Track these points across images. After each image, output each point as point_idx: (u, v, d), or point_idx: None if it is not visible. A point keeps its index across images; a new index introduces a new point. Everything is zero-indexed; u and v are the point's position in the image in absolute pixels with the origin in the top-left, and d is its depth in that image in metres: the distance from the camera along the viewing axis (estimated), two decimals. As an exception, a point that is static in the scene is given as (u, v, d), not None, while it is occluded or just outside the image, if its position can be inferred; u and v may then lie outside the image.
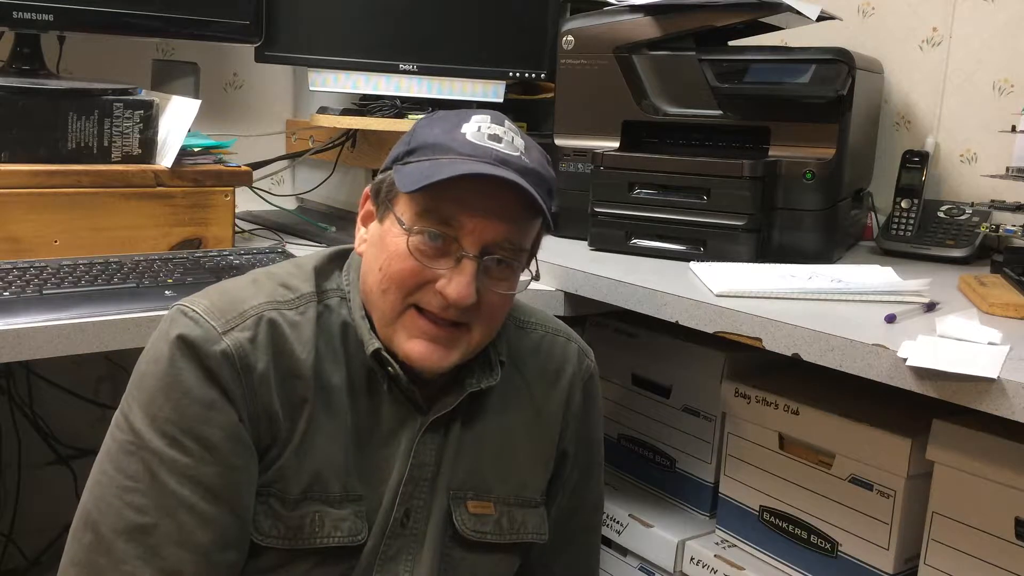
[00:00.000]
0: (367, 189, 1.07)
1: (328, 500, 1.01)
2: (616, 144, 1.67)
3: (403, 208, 0.99)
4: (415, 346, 1.00)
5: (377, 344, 1.02)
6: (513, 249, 1.00)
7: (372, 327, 1.03)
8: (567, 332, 1.21)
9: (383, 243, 1.00)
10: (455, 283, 0.96)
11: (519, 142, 1.00)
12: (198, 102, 1.47)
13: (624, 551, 1.56)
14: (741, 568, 1.40)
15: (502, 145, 0.98)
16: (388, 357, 1.02)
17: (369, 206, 1.06)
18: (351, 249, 1.10)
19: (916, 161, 1.71)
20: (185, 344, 0.95)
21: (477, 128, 0.99)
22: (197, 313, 0.97)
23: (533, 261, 1.06)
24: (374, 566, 1.04)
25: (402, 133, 1.08)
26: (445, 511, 1.07)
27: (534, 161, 1.00)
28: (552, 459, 1.17)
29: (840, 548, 1.30)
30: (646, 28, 1.63)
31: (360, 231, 1.07)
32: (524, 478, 1.14)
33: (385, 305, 1.00)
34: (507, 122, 1.02)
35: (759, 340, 1.20)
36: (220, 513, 0.95)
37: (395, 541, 1.04)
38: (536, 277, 1.07)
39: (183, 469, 0.93)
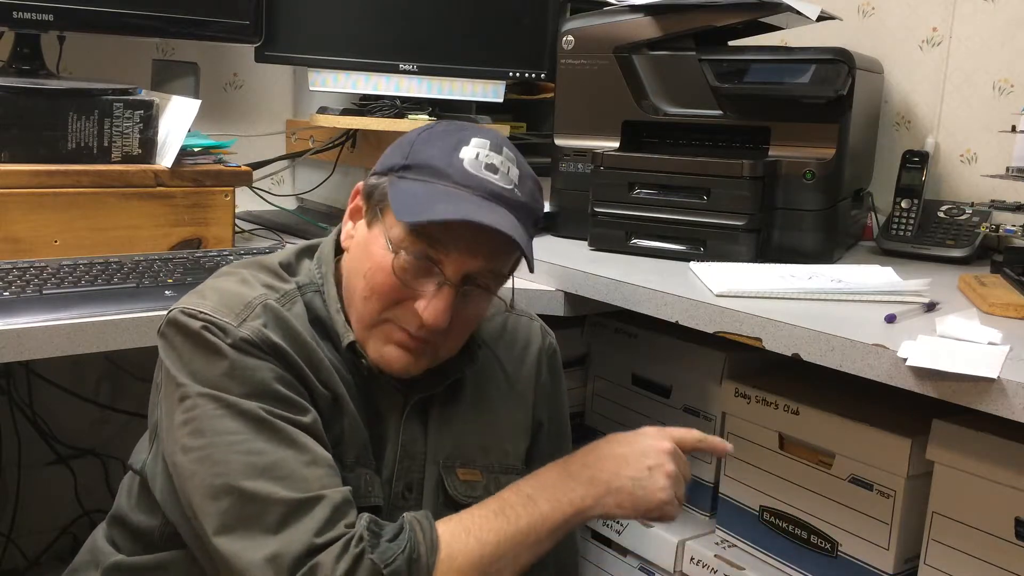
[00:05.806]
0: (360, 184, 1.08)
1: (347, 466, 1.03)
2: (616, 144, 1.67)
3: (392, 222, 1.01)
4: (388, 352, 1.04)
5: (352, 337, 1.05)
6: (492, 277, 1.05)
7: (347, 320, 1.06)
8: (528, 312, 1.28)
9: (368, 250, 1.03)
10: (432, 308, 1.00)
11: (514, 173, 1.03)
12: (198, 102, 1.47)
13: (624, 551, 1.56)
14: (741, 568, 1.40)
15: (497, 177, 1.00)
16: (362, 350, 1.06)
17: (360, 202, 1.08)
18: (319, 244, 1.13)
19: (916, 161, 1.71)
20: (213, 332, 0.97)
21: (475, 155, 1.00)
22: (205, 313, 0.99)
23: (510, 290, 1.11)
24: None
25: (402, 133, 1.09)
26: (437, 479, 1.11)
27: (525, 194, 1.03)
28: (529, 428, 1.22)
29: (840, 548, 1.30)
30: (646, 28, 1.63)
31: (347, 225, 1.09)
32: (505, 447, 1.18)
33: (364, 311, 1.04)
34: (506, 148, 1.03)
35: (759, 340, 1.20)
36: (320, 445, 0.98)
37: (398, 514, 1.06)
38: (511, 307, 1.15)
39: (278, 415, 0.96)
